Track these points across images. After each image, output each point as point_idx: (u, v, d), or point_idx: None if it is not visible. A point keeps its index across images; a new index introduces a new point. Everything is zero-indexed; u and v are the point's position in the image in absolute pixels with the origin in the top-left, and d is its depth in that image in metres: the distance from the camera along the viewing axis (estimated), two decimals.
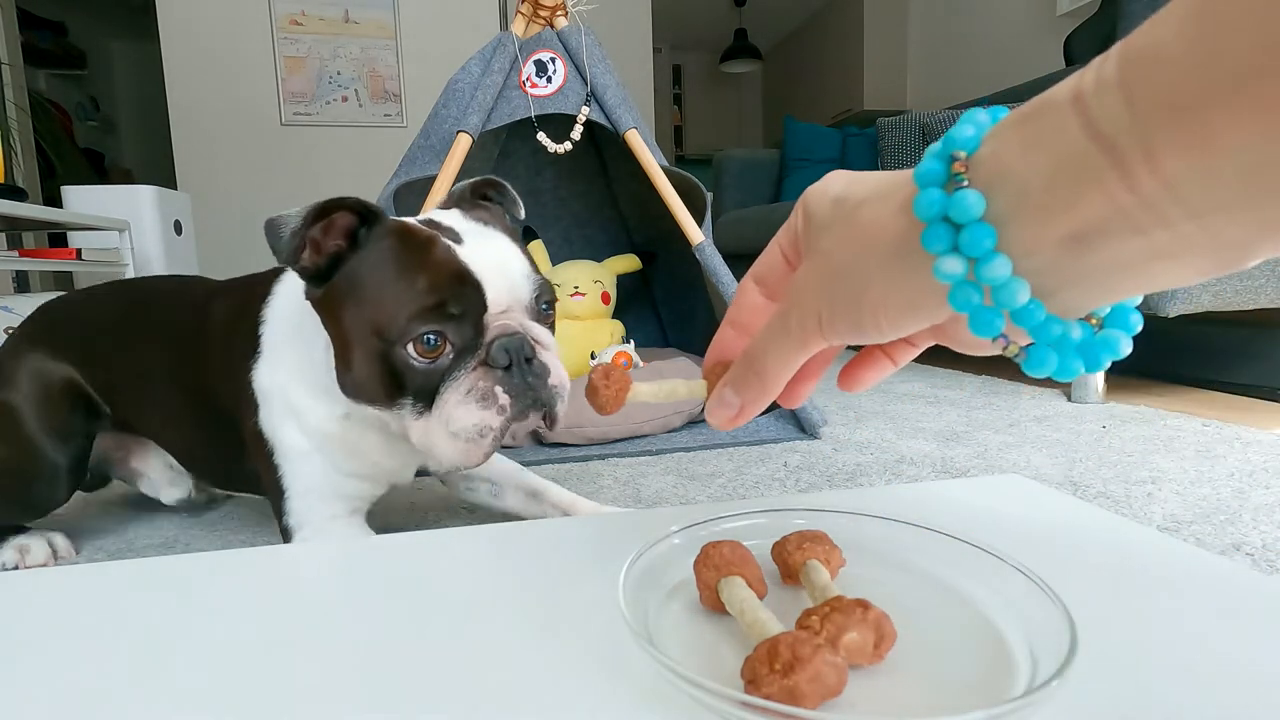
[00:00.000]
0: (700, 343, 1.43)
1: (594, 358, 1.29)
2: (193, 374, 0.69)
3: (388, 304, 0.51)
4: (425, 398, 0.53)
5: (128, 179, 4.18)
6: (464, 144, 1.11)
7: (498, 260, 0.54)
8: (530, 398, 0.53)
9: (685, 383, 0.38)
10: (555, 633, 0.30)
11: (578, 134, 1.19)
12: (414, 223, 0.54)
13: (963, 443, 1.06)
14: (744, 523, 0.36)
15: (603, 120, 1.19)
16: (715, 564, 0.30)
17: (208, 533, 0.81)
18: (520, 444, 1.10)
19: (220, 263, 2.75)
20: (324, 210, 0.50)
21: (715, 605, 0.30)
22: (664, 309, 1.66)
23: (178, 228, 2.19)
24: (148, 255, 2.04)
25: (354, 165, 3.20)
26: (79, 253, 1.87)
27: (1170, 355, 1.50)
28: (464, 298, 0.51)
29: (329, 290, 0.53)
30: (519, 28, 1.19)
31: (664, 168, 1.18)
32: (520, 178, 1.53)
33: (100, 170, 4.57)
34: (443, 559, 0.39)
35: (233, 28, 3.03)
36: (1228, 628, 0.29)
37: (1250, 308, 1.22)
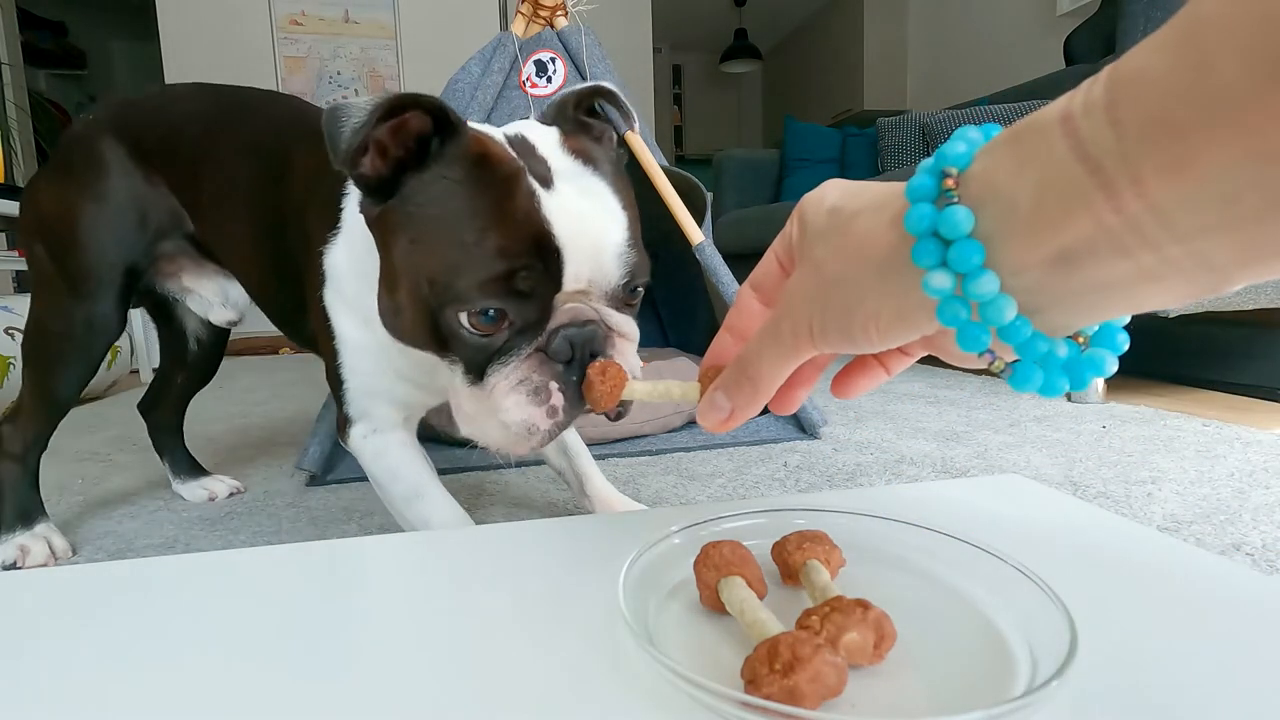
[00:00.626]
0: (700, 343, 1.43)
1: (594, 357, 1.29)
2: (270, 223, 0.64)
3: (448, 257, 0.43)
4: (474, 369, 0.46)
5: None
6: None
7: (591, 225, 0.44)
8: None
9: (680, 384, 0.38)
10: (555, 633, 0.30)
11: None
12: (501, 142, 0.45)
13: (963, 443, 1.06)
14: (744, 523, 0.36)
15: None
16: (715, 564, 0.30)
17: (208, 533, 0.81)
18: None
19: None
20: (395, 107, 0.41)
21: (715, 605, 0.30)
22: (664, 309, 1.66)
23: None
24: None
25: None
26: None
27: (1170, 355, 1.50)
28: (537, 272, 0.42)
29: (385, 212, 0.45)
30: (519, 28, 1.19)
31: (664, 168, 1.18)
32: None
33: None
34: (443, 559, 0.39)
35: (233, 28, 3.04)
36: (1228, 628, 0.29)
37: (1250, 308, 1.22)
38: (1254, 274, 0.19)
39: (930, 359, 0.33)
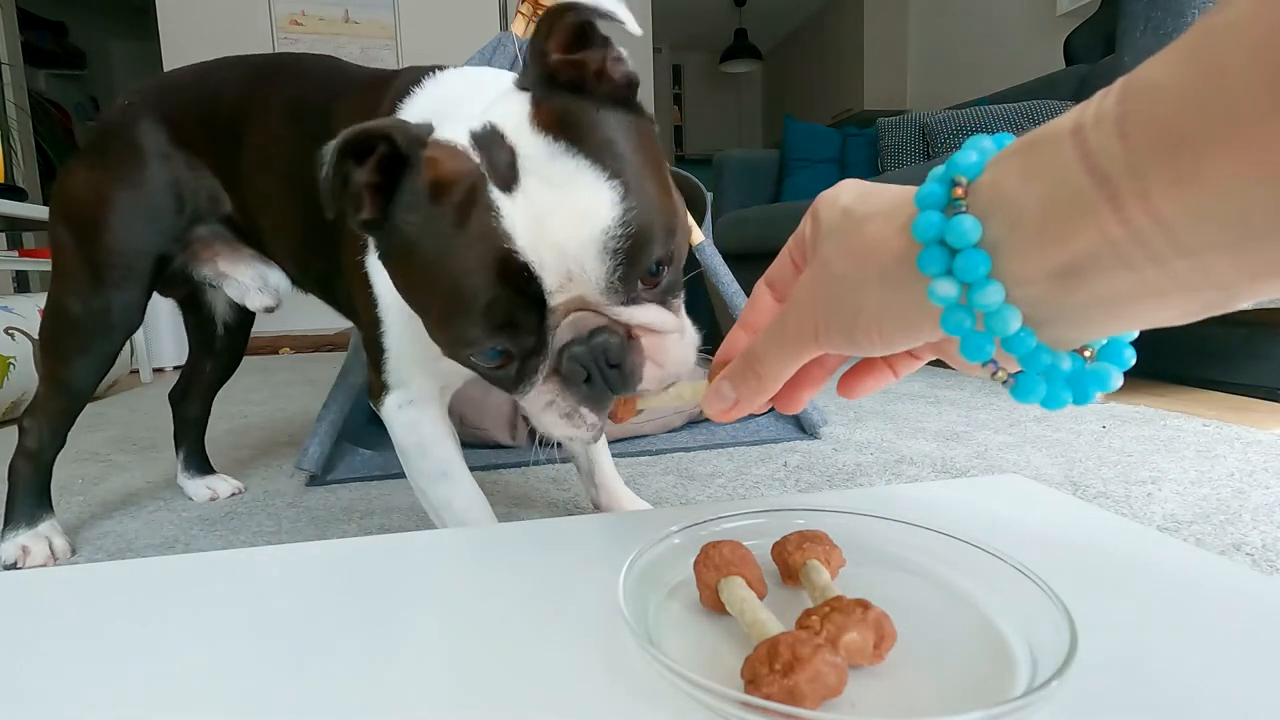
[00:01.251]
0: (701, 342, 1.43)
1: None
2: (311, 184, 0.63)
3: (430, 310, 0.41)
4: (506, 388, 0.44)
5: None
6: None
7: (555, 222, 0.38)
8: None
9: (690, 385, 0.38)
10: (555, 633, 0.30)
11: None
12: (462, 149, 0.40)
13: (963, 443, 1.06)
14: (744, 523, 0.36)
15: None
16: (715, 564, 0.30)
17: (208, 533, 0.81)
18: (522, 444, 1.10)
19: None
20: (350, 145, 0.39)
21: (715, 605, 0.30)
22: None
23: None
24: None
25: None
26: None
27: (1170, 355, 1.50)
28: (507, 300, 0.38)
29: (380, 252, 0.43)
30: (519, 28, 1.19)
31: None
32: None
33: None
34: (443, 558, 0.39)
35: (233, 28, 3.04)
36: (1228, 627, 0.29)
37: (1250, 307, 1.22)
38: (1261, 291, 0.18)
39: (932, 359, 0.33)
